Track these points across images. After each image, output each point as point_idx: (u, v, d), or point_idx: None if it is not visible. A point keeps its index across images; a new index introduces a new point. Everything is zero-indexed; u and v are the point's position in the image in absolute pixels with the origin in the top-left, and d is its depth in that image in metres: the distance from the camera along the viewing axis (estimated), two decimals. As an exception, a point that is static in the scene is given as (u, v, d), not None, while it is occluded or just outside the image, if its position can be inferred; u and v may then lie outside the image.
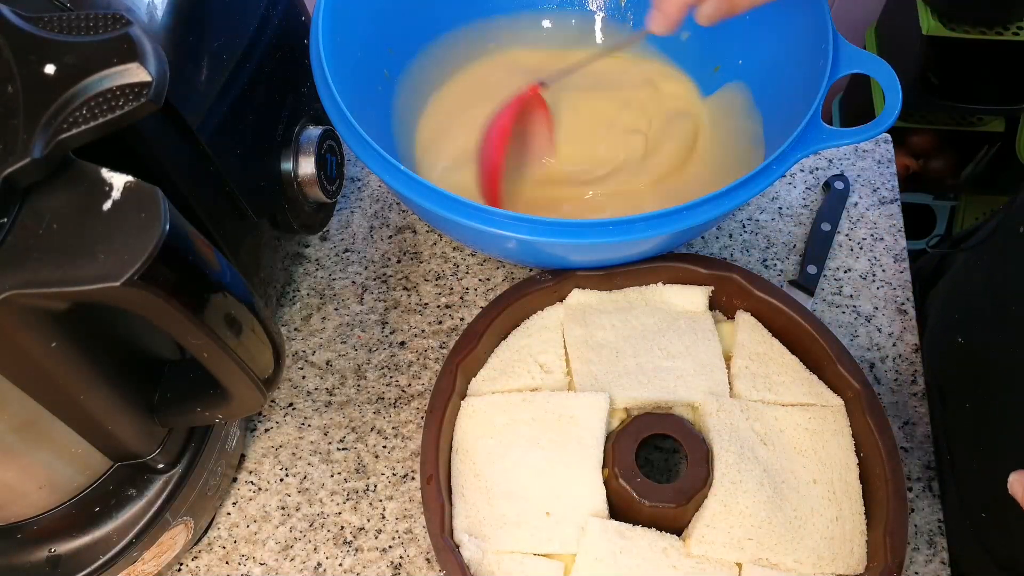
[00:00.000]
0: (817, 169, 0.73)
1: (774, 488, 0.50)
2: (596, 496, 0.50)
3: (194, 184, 0.47)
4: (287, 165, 0.55)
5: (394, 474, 0.59)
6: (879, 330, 0.64)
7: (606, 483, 0.50)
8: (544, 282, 0.58)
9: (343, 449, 0.60)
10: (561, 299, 0.59)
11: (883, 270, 0.67)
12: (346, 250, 0.69)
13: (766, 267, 0.68)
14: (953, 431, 0.58)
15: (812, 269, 0.66)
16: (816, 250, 0.67)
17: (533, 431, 0.52)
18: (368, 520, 0.57)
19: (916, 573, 0.55)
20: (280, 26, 0.53)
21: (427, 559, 0.56)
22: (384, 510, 0.57)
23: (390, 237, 0.70)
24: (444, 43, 0.69)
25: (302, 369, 0.63)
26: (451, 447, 0.54)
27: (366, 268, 0.68)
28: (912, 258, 0.70)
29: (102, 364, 0.39)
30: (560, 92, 0.66)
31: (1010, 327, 0.52)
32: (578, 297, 0.59)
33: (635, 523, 0.50)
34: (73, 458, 0.44)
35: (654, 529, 0.50)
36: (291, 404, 0.62)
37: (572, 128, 0.66)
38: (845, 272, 0.67)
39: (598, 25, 0.72)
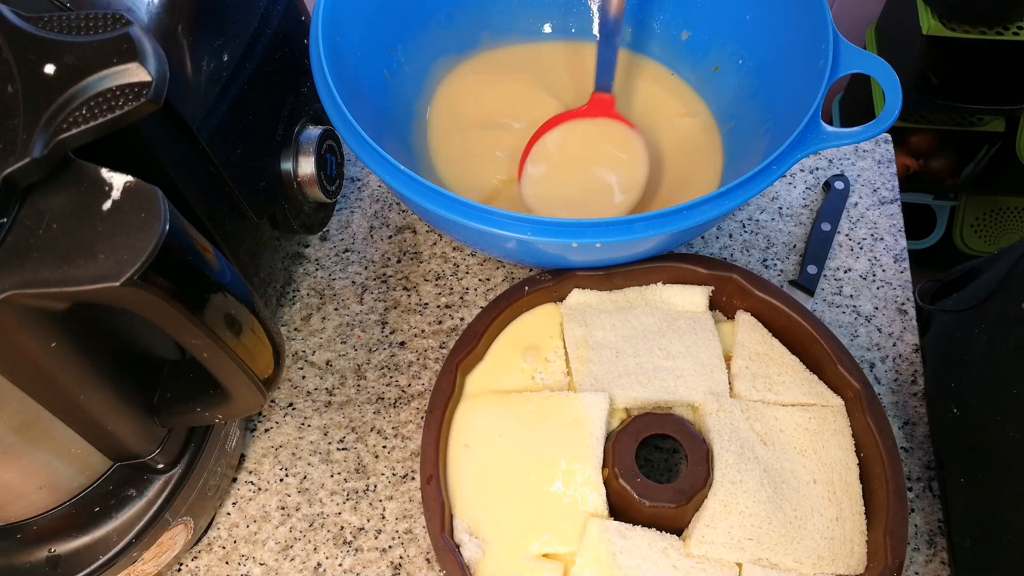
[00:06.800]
0: (817, 169, 0.73)
1: (774, 488, 0.50)
2: (596, 496, 0.50)
3: (194, 184, 0.47)
4: (287, 165, 0.55)
5: (394, 474, 0.59)
6: (879, 330, 0.64)
7: (606, 483, 0.50)
8: (544, 282, 0.58)
9: (343, 449, 0.60)
10: (561, 299, 0.59)
11: (883, 270, 0.67)
12: (346, 250, 0.69)
13: (766, 267, 0.68)
14: (952, 506, 0.55)
15: (812, 269, 0.66)
16: (816, 250, 0.67)
17: (533, 431, 0.52)
18: (368, 520, 0.57)
19: (916, 573, 0.55)
20: (280, 26, 0.53)
21: (427, 559, 0.56)
22: (384, 510, 0.57)
23: (390, 237, 0.69)
24: (444, 43, 0.69)
25: (302, 369, 0.63)
26: (451, 447, 0.54)
27: (366, 268, 0.68)
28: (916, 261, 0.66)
29: (102, 364, 0.39)
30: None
31: (1011, 407, 0.49)
32: (578, 297, 0.59)
33: (635, 523, 0.50)
34: (73, 458, 0.44)
35: (654, 529, 0.50)
36: (291, 404, 0.62)
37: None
38: (845, 272, 0.67)
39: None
